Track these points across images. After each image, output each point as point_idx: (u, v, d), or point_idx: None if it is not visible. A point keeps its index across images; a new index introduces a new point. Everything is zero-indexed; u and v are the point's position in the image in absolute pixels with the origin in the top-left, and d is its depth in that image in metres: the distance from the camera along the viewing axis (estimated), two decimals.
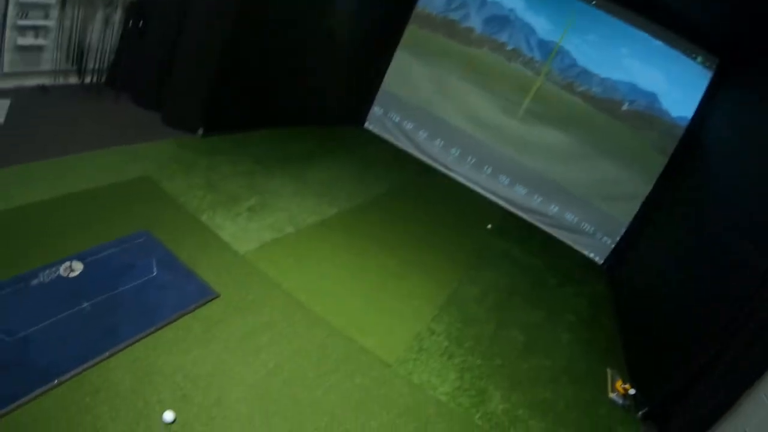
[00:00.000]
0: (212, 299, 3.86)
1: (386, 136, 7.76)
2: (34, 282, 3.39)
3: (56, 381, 2.90)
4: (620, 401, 4.40)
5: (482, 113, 7.15)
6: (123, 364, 3.19)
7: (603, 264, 6.71)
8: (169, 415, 2.99)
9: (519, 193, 7.10)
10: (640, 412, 4.29)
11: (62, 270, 3.56)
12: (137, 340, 3.35)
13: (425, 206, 6.55)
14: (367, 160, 7.06)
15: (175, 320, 3.57)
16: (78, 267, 3.63)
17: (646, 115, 6.33)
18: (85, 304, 3.39)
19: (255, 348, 3.64)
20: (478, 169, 7.30)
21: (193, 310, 3.71)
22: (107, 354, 3.17)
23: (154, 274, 3.82)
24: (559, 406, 4.13)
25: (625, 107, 6.41)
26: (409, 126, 7.57)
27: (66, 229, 3.92)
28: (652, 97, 6.31)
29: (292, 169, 6.03)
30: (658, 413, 4.25)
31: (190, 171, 5.16)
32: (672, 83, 6.25)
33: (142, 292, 3.65)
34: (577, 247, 6.89)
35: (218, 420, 3.11)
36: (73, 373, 2.99)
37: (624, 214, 6.54)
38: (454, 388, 3.94)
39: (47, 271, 3.50)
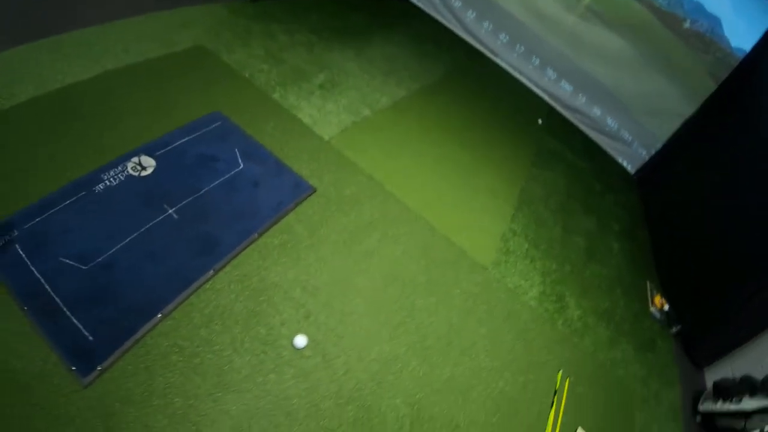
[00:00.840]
0: (310, 195, 2.96)
1: (430, 11, 6.22)
2: (99, 187, 2.38)
3: (159, 315, 2.08)
4: (658, 315, 4.03)
5: (539, 1, 5.70)
6: (231, 282, 2.39)
7: (634, 174, 5.97)
8: (301, 340, 2.28)
9: (565, 89, 6.02)
10: (673, 329, 3.95)
11: (130, 168, 2.53)
12: (241, 251, 2.43)
13: (480, 92, 5.47)
14: (420, 38, 5.71)
15: (276, 222, 2.63)
16: (149, 163, 2.57)
17: (705, 37, 5.21)
18: (170, 211, 2.43)
19: (365, 252, 2.91)
20: (526, 59, 6.08)
21: (293, 208, 2.80)
22: (211, 272, 2.32)
23: (241, 167, 2.79)
24: (617, 315, 3.75)
25: (686, 25, 5.24)
26: (457, 3, 6.05)
27: (120, 115, 2.80)
28: (715, 21, 5.17)
29: (351, 42, 4.75)
30: (688, 334, 3.92)
31: (246, 40, 3.84)
32: (738, 13, 5.12)
33: (233, 191, 2.67)
34: (612, 153, 6.08)
35: (347, 339, 2.47)
36: (176, 301, 2.17)
37: (663, 129, 5.66)
38: (539, 293, 3.46)
39: (112, 172, 2.47)
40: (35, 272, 1.97)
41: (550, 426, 2.67)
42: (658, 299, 4.14)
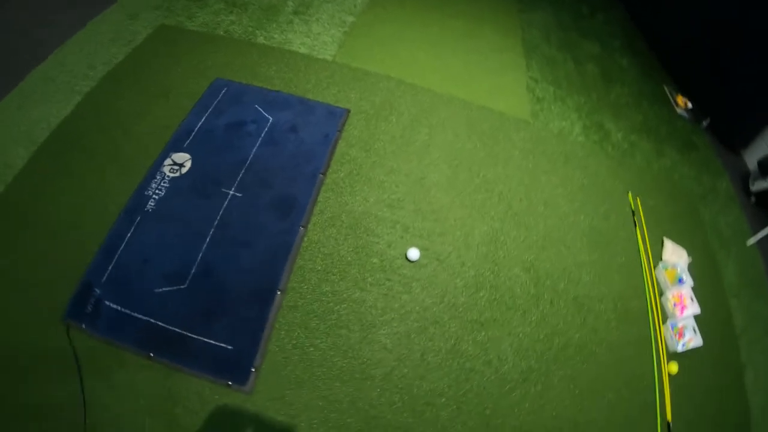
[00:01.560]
0: (347, 117, 2.54)
1: None
2: (150, 204, 1.98)
3: (278, 292, 1.79)
4: (686, 115, 3.67)
5: None
6: (324, 229, 2.09)
7: None
8: (414, 253, 2.03)
9: None
10: (703, 123, 3.59)
11: (168, 171, 2.11)
12: (317, 197, 2.07)
13: None
14: None
15: (332, 156, 2.27)
16: (183, 158, 2.15)
17: None
18: (232, 192, 2.06)
19: (422, 148, 2.56)
20: None
21: (340, 136, 2.42)
22: (302, 230, 2.00)
23: (271, 119, 2.34)
24: (652, 125, 3.40)
25: None
26: None
27: (126, 127, 2.30)
28: None
29: None
30: (718, 124, 3.54)
31: (201, 0, 3.05)
32: None
33: (277, 145, 2.24)
34: None
35: (449, 235, 2.22)
36: (286, 272, 1.87)
37: None
38: (581, 127, 3.10)
39: (153, 184, 2.05)
40: (139, 316, 1.65)
41: (641, 244, 2.48)
42: (680, 99, 3.74)
